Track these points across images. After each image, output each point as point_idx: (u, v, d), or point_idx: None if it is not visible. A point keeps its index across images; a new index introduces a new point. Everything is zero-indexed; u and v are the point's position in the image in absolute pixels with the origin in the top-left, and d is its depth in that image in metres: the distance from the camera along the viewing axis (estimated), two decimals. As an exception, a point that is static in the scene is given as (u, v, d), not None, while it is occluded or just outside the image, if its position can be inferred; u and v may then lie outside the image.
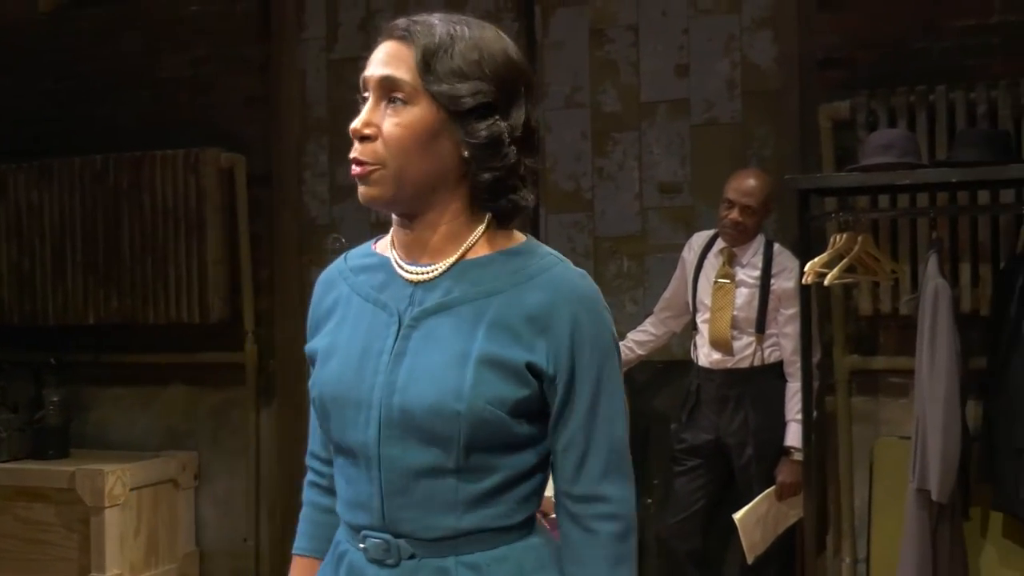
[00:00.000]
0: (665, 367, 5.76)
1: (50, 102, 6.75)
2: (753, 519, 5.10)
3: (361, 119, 1.98)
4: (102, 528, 5.86)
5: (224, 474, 6.49)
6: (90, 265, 6.50)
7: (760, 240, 5.24)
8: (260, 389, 6.41)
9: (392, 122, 1.95)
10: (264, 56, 6.43)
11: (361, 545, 2.02)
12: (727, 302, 5.20)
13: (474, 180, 1.97)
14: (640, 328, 5.52)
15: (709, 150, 5.77)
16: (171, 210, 6.33)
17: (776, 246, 5.22)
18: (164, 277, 6.35)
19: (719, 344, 5.21)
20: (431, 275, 2.01)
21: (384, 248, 2.10)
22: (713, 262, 5.28)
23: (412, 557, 1.98)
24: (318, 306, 2.16)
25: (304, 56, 6.50)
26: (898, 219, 5.17)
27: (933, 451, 4.46)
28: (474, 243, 2.01)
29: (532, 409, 1.97)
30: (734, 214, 5.16)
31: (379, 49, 1.99)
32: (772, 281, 5.16)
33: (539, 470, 2.02)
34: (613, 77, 5.96)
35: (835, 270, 4.73)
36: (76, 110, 6.69)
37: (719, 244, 5.29)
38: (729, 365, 5.22)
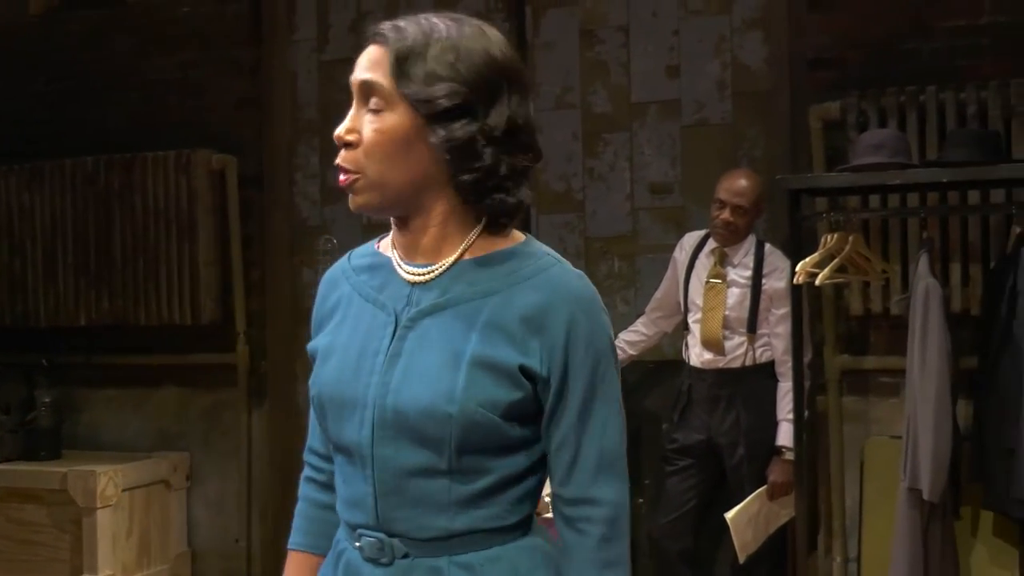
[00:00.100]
0: (656, 367, 5.76)
1: (41, 104, 6.75)
2: (745, 519, 5.11)
3: (344, 125, 1.98)
4: (94, 529, 5.86)
5: (216, 475, 6.49)
6: (82, 267, 6.49)
7: (751, 240, 5.24)
8: (252, 390, 6.41)
9: (371, 128, 1.94)
10: (255, 58, 6.43)
11: (357, 544, 2.02)
12: (719, 302, 5.21)
13: (455, 182, 1.95)
14: (631, 328, 5.53)
15: (700, 151, 5.78)
16: (162, 211, 6.32)
17: (767, 246, 5.23)
18: (155, 278, 6.34)
19: (711, 344, 5.22)
20: (428, 276, 2.00)
21: (386, 247, 2.09)
22: (704, 262, 5.29)
23: (406, 556, 1.98)
24: (322, 305, 2.16)
25: (295, 58, 6.49)
26: (889, 219, 5.18)
27: (924, 450, 4.47)
28: (471, 243, 2.00)
29: (525, 411, 1.96)
30: (725, 214, 5.17)
31: (363, 54, 1.99)
32: (763, 281, 5.17)
33: (534, 472, 2.01)
34: (604, 78, 5.96)
35: (826, 270, 4.74)
36: (67, 112, 6.68)
37: (710, 244, 5.30)
38: (720, 365, 5.23)
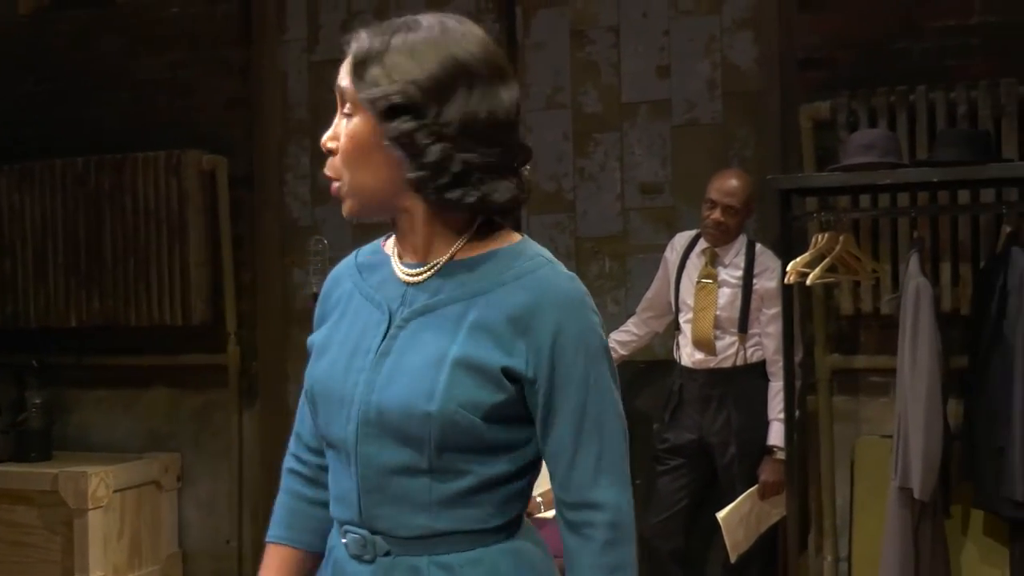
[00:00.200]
0: (647, 367, 5.76)
1: (31, 104, 6.73)
2: (736, 518, 5.12)
3: (328, 133, 2.00)
4: (85, 530, 5.84)
5: (207, 476, 6.48)
6: (72, 267, 6.48)
7: (742, 240, 5.25)
8: (242, 391, 6.41)
9: (344, 134, 1.96)
10: (245, 58, 6.42)
11: (343, 540, 2.04)
12: (710, 302, 5.21)
13: (406, 180, 1.94)
14: (622, 328, 5.53)
15: (690, 151, 5.79)
16: (153, 212, 6.31)
17: (758, 246, 5.24)
18: (146, 279, 6.33)
19: (702, 344, 5.22)
20: (422, 276, 2.01)
21: (391, 246, 2.10)
22: (695, 262, 5.29)
23: (388, 554, 1.98)
24: (326, 300, 2.17)
25: (285, 58, 6.49)
26: (879, 219, 5.18)
27: (915, 450, 4.48)
28: (463, 244, 2.00)
29: (509, 414, 1.95)
30: (716, 214, 5.17)
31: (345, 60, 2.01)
32: (754, 281, 5.17)
33: (521, 475, 2.01)
34: (594, 78, 5.96)
35: (817, 270, 4.75)
36: (57, 112, 6.67)
37: (701, 244, 5.31)
38: (712, 365, 5.23)
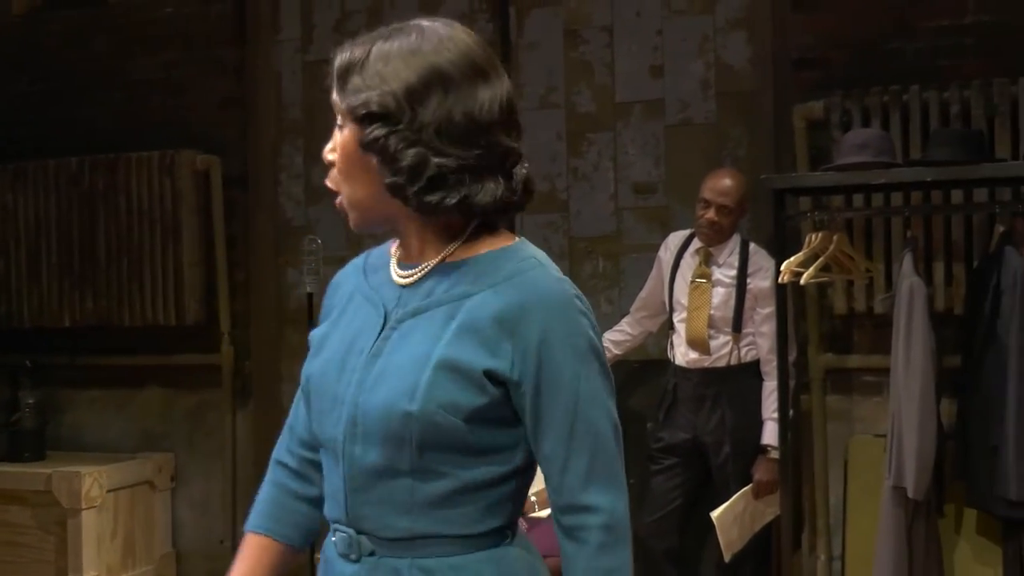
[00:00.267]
0: (641, 366, 5.76)
1: (24, 104, 6.72)
2: (730, 517, 5.12)
3: (328, 146, 2.01)
4: (79, 530, 5.84)
5: (200, 476, 6.48)
6: (65, 267, 6.48)
7: (736, 240, 5.25)
8: (236, 391, 6.41)
9: (338, 146, 1.98)
10: (239, 58, 6.42)
11: (332, 538, 2.04)
12: (704, 301, 5.22)
13: (384, 185, 1.94)
14: (616, 328, 5.53)
15: (684, 150, 5.79)
16: (146, 212, 6.32)
17: (752, 245, 5.24)
18: (140, 279, 6.33)
19: (696, 343, 5.23)
20: (414, 277, 2.01)
21: (395, 249, 2.10)
22: (689, 262, 5.30)
23: (372, 554, 1.98)
24: (331, 298, 2.18)
25: (279, 58, 6.48)
26: (872, 218, 5.20)
27: (909, 449, 4.49)
28: (457, 246, 2.00)
29: (493, 417, 1.94)
30: (710, 214, 5.18)
31: None
32: (748, 280, 5.18)
33: (508, 480, 1.99)
34: (588, 78, 5.97)
35: (810, 269, 4.76)
36: (50, 112, 6.66)
37: (695, 244, 5.31)
38: (706, 364, 5.23)
